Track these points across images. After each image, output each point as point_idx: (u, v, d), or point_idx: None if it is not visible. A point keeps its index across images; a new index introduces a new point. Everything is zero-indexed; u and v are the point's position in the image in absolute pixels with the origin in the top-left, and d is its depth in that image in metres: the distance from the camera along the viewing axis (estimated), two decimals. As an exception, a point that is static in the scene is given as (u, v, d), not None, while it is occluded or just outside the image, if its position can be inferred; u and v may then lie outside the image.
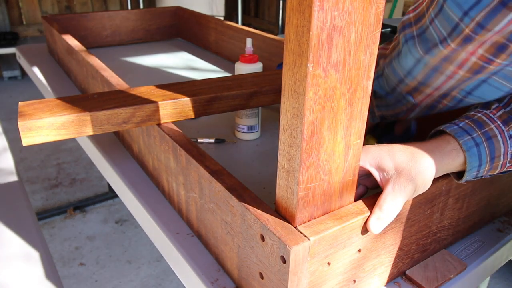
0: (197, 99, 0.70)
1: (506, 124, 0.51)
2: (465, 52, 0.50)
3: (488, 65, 0.50)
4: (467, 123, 0.52)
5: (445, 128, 0.51)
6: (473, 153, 0.50)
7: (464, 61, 0.51)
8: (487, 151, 0.50)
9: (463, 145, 0.50)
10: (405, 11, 2.87)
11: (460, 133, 0.50)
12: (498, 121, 0.52)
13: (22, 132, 0.59)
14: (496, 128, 0.51)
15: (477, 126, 0.51)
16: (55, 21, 1.45)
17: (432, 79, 0.55)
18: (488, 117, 0.52)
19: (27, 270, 0.63)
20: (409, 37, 0.55)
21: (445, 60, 0.52)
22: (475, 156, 0.50)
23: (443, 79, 0.54)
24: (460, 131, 0.51)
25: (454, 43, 0.49)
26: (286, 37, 0.39)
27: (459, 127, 0.51)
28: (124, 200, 0.79)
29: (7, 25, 3.64)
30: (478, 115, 0.53)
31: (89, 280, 1.69)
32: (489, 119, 0.52)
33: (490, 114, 0.53)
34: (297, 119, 0.40)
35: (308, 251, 0.42)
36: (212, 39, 1.53)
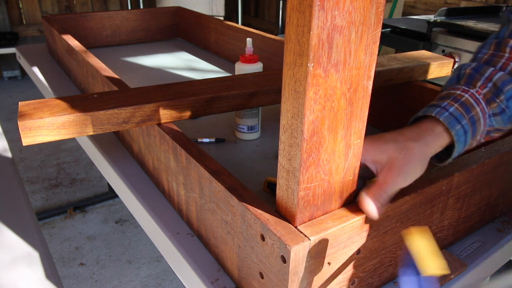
0: (197, 99, 0.70)
1: (489, 104, 0.54)
2: None
3: None
4: (457, 109, 0.53)
5: (437, 115, 0.52)
6: (461, 141, 0.52)
7: None
8: (471, 135, 0.53)
9: (455, 135, 0.51)
10: (405, 11, 2.87)
11: (452, 122, 0.52)
12: (483, 102, 0.54)
13: (22, 132, 0.59)
14: (480, 111, 0.53)
15: (465, 111, 0.53)
16: (55, 21, 1.45)
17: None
18: (475, 98, 0.54)
19: (27, 270, 0.63)
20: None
21: None
22: (462, 144, 0.52)
23: None
24: (451, 119, 0.52)
25: None
26: (287, 36, 0.39)
27: (450, 113, 0.52)
28: (124, 200, 0.79)
29: (7, 25, 3.64)
30: (465, 97, 0.54)
31: (89, 280, 1.69)
32: (475, 101, 0.54)
33: (476, 95, 0.54)
34: (297, 119, 0.40)
35: (308, 251, 0.42)
36: (212, 39, 1.53)
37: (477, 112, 0.53)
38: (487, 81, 0.55)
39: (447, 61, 0.91)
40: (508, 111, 0.54)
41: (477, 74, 0.56)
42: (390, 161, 0.48)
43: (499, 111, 0.54)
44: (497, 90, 0.54)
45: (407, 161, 0.48)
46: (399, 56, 0.91)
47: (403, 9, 2.86)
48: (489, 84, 0.55)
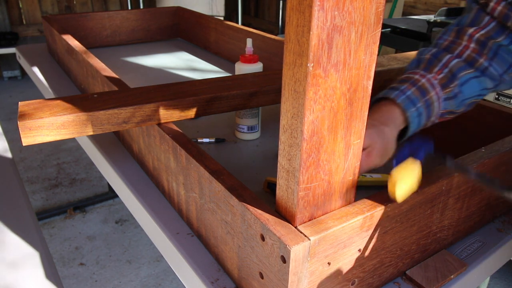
0: (197, 99, 0.70)
1: (444, 88, 0.59)
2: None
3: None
4: (414, 92, 0.58)
5: (395, 98, 0.57)
6: (415, 122, 0.58)
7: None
8: (425, 117, 0.58)
9: (410, 117, 0.57)
10: (405, 11, 2.87)
11: (407, 104, 0.57)
12: (438, 86, 0.59)
13: (22, 132, 0.59)
14: (435, 94, 0.58)
15: (421, 95, 0.58)
16: (55, 21, 1.45)
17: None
18: (431, 83, 0.59)
19: (27, 270, 0.63)
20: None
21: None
22: (416, 125, 0.58)
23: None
24: (407, 102, 0.57)
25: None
26: (286, 36, 0.39)
27: (407, 96, 0.57)
28: (124, 200, 0.79)
29: (7, 25, 3.64)
30: (422, 82, 0.59)
31: (89, 280, 1.69)
32: (431, 86, 0.59)
33: (433, 80, 0.59)
34: (297, 119, 0.40)
35: (308, 251, 0.42)
36: (212, 39, 1.53)
37: (431, 96, 0.58)
38: (444, 67, 0.60)
39: (447, 61, 0.91)
40: (461, 96, 0.59)
41: (435, 60, 0.61)
42: (371, 144, 0.53)
43: (452, 95, 0.59)
44: (452, 76, 0.59)
45: (385, 145, 0.54)
46: (399, 56, 0.91)
47: (403, 9, 2.86)
48: (445, 70, 0.59)
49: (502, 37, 0.60)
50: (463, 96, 0.59)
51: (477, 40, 0.61)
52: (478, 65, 0.60)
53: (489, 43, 0.60)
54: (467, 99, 0.61)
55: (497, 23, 0.60)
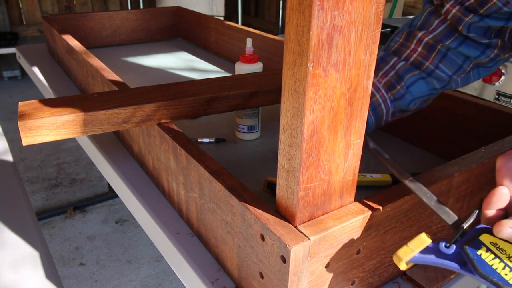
0: (197, 99, 0.70)
1: (389, 90, 0.61)
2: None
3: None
4: None
5: None
6: (369, 123, 0.60)
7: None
8: (373, 118, 0.61)
9: None
10: (405, 11, 2.87)
11: None
12: (383, 89, 0.61)
13: (22, 132, 0.59)
14: (380, 97, 0.61)
15: None
16: (55, 21, 1.45)
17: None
18: (375, 87, 0.62)
19: (27, 270, 0.63)
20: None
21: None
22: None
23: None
24: None
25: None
26: (286, 36, 0.39)
27: None
28: (124, 200, 0.79)
29: (7, 25, 3.64)
30: None
31: (89, 280, 1.69)
32: (375, 89, 0.62)
33: (377, 83, 0.62)
34: (297, 118, 0.40)
35: (308, 250, 0.42)
36: (212, 39, 1.53)
37: (377, 99, 0.61)
38: (391, 70, 0.63)
39: (447, 61, 0.91)
40: (408, 96, 0.62)
41: (382, 63, 0.64)
42: None
43: (399, 96, 0.62)
44: (399, 78, 0.62)
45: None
46: (399, 56, 0.91)
47: (403, 9, 2.86)
48: (392, 72, 0.62)
49: (450, 40, 0.61)
50: (412, 96, 0.62)
51: (425, 44, 0.63)
52: (424, 68, 0.62)
53: (438, 46, 0.62)
54: (417, 99, 0.63)
55: (447, 26, 0.62)
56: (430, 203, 0.43)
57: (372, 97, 0.61)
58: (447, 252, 0.38)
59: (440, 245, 0.39)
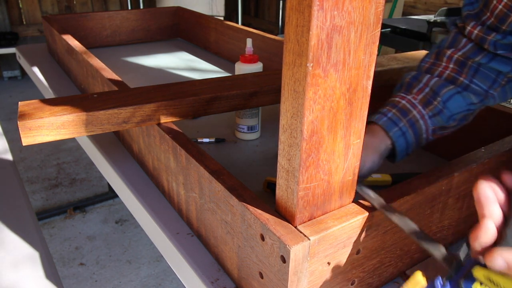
0: (197, 99, 0.70)
1: (426, 106, 0.61)
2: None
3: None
4: (394, 113, 0.60)
5: (377, 121, 0.60)
6: (401, 141, 0.59)
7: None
8: (412, 135, 0.60)
9: (392, 136, 0.59)
10: (405, 11, 2.87)
11: (390, 125, 0.59)
12: (419, 105, 0.61)
13: (22, 132, 0.59)
14: (417, 113, 0.60)
15: (402, 115, 0.60)
16: (55, 21, 1.45)
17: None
18: (411, 103, 0.61)
19: (27, 270, 0.63)
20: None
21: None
22: (402, 143, 0.59)
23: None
24: (389, 123, 0.60)
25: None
26: (286, 36, 0.39)
27: (388, 118, 0.60)
28: (124, 200, 0.79)
29: (7, 25, 3.64)
30: (402, 103, 0.61)
31: (89, 280, 1.69)
32: (411, 106, 0.61)
33: (413, 100, 0.61)
34: (297, 118, 0.40)
35: (308, 250, 0.42)
36: (212, 39, 1.53)
37: (414, 115, 0.60)
38: (425, 87, 0.62)
39: (447, 61, 0.91)
40: (447, 111, 0.61)
41: (415, 82, 0.63)
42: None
43: (437, 111, 0.60)
44: (434, 94, 0.61)
45: (366, 151, 0.55)
46: (399, 56, 0.91)
47: (403, 9, 2.86)
48: (426, 89, 0.61)
49: (479, 56, 0.61)
50: (450, 111, 0.61)
51: (456, 61, 0.62)
52: (459, 82, 0.61)
53: (468, 62, 0.62)
54: (456, 114, 0.61)
55: (474, 44, 0.62)
56: (419, 240, 0.42)
57: (408, 114, 0.60)
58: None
59: (436, 284, 0.39)
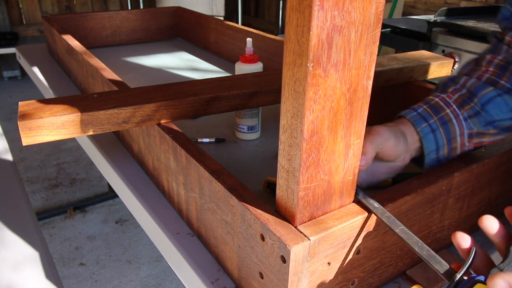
0: (197, 99, 0.70)
1: (462, 107, 0.56)
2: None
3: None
4: (425, 109, 0.57)
5: (405, 115, 0.57)
6: (429, 138, 0.55)
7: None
8: (443, 134, 0.56)
9: (420, 132, 0.55)
10: (405, 11, 2.87)
11: (418, 120, 0.56)
12: (454, 105, 0.57)
13: (22, 132, 0.59)
14: (451, 112, 0.56)
15: (433, 112, 0.56)
16: (55, 21, 1.45)
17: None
18: (445, 101, 0.57)
19: (27, 270, 0.63)
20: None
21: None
22: (431, 141, 0.55)
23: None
24: (418, 118, 0.56)
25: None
26: (286, 36, 0.39)
27: (418, 113, 0.56)
28: (124, 200, 0.79)
29: (7, 25, 3.64)
30: (435, 100, 0.58)
31: (89, 280, 1.69)
32: (445, 104, 0.57)
33: (447, 99, 0.58)
34: (297, 118, 0.40)
35: (308, 251, 0.42)
36: (212, 39, 1.53)
37: (447, 114, 0.56)
38: (461, 88, 0.58)
39: (447, 61, 0.91)
40: (485, 114, 0.56)
41: (451, 83, 0.60)
42: (368, 129, 0.53)
43: (473, 113, 0.56)
44: (471, 95, 0.57)
45: (382, 127, 0.54)
46: (399, 56, 0.91)
47: (403, 9, 2.86)
48: (463, 90, 0.58)
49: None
50: (490, 116, 0.56)
51: (496, 65, 0.59)
52: (499, 86, 0.57)
53: (510, 67, 0.58)
54: (498, 122, 0.56)
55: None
56: (421, 253, 0.42)
57: (441, 111, 0.56)
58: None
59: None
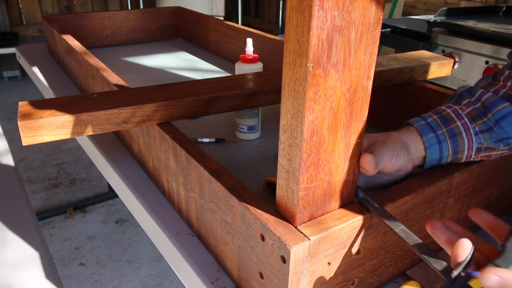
0: (197, 99, 0.70)
1: (474, 121, 0.55)
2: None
3: None
4: (435, 119, 0.55)
5: (413, 123, 0.56)
6: (434, 149, 0.54)
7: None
8: (449, 147, 0.54)
9: (426, 142, 0.54)
10: (405, 11, 2.87)
11: (426, 129, 0.55)
12: (466, 118, 0.55)
13: (22, 132, 0.59)
14: (462, 125, 0.55)
15: (443, 123, 0.55)
16: (55, 21, 1.45)
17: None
18: (457, 113, 0.56)
19: (27, 270, 0.63)
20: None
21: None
22: (435, 152, 0.54)
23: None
24: (425, 127, 0.55)
25: None
26: (286, 36, 0.39)
27: (426, 122, 0.55)
28: (124, 200, 0.79)
29: (7, 25, 3.64)
30: (447, 111, 0.56)
31: (89, 280, 1.69)
32: (457, 116, 0.55)
33: (459, 111, 0.56)
34: (297, 119, 0.40)
35: (308, 251, 0.42)
36: (212, 39, 1.53)
37: (457, 126, 0.55)
38: (476, 101, 0.56)
39: (447, 61, 0.91)
40: (498, 130, 0.54)
41: (466, 94, 0.58)
42: (372, 142, 0.53)
43: (486, 128, 0.54)
44: (485, 109, 0.55)
45: (386, 139, 0.53)
46: (399, 56, 0.91)
47: (403, 9, 2.86)
48: (478, 104, 0.56)
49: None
50: (505, 133, 0.54)
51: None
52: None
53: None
54: (511, 138, 0.55)
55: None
56: (421, 252, 0.42)
57: (451, 123, 0.55)
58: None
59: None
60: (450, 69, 0.93)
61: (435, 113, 0.57)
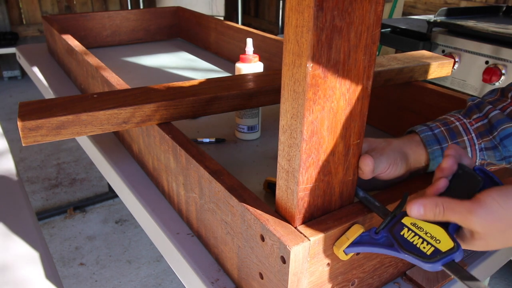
0: (197, 99, 0.70)
1: (481, 137, 0.55)
2: None
3: None
4: (442, 132, 0.55)
5: (419, 132, 0.55)
6: (439, 161, 0.54)
7: None
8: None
9: (430, 153, 0.54)
10: (405, 11, 2.87)
11: (431, 141, 0.55)
12: (474, 133, 0.55)
13: (22, 132, 0.59)
14: (468, 140, 0.55)
15: (450, 136, 0.55)
16: (55, 21, 1.45)
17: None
18: (465, 127, 0.56)
19: (27, 270, 0.63)
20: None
21: None
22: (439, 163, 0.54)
23: None
24: (432, 139, 0.55)
25: None
26: (285, 37, 0.39)
27: (433, 134, 0.55)
28: (124, 200, 0.79)
29: (7, 25, 3.64)
30: (455, 124, 0.56)
31: (89, 280, 1.69)
32: (464, 130, 0.55)
33: (468, 125, 0.56)
34: (296, 119, 0.40)
35: (308, 251, 0.42)
36: (212, 39, 1.53)
37: (463, 141, 0.55)
38: (484, 117, 0.56)
39: (447, 61, 0.91)
40: (502, 149, 0.54)
41: (476, 109, 0.58)
42: (372, 147, 0.53)
43: (491, 146, 0.55)
44: (491, 127, 0.55)
45: (386, 146, 0.53)
46: (399, 56, 0.91)
47: (403, 9, 2.86)
48: (485, 120, 0.56)
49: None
50: (508, 152, 0.55)
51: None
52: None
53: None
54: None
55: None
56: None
57: (457, 137, 0.55)
58: (377, 238, 0.43)
59: (371, 233, 0.44)
60: (450, 69, 0.93)
61: (443, 124, 0.56)
